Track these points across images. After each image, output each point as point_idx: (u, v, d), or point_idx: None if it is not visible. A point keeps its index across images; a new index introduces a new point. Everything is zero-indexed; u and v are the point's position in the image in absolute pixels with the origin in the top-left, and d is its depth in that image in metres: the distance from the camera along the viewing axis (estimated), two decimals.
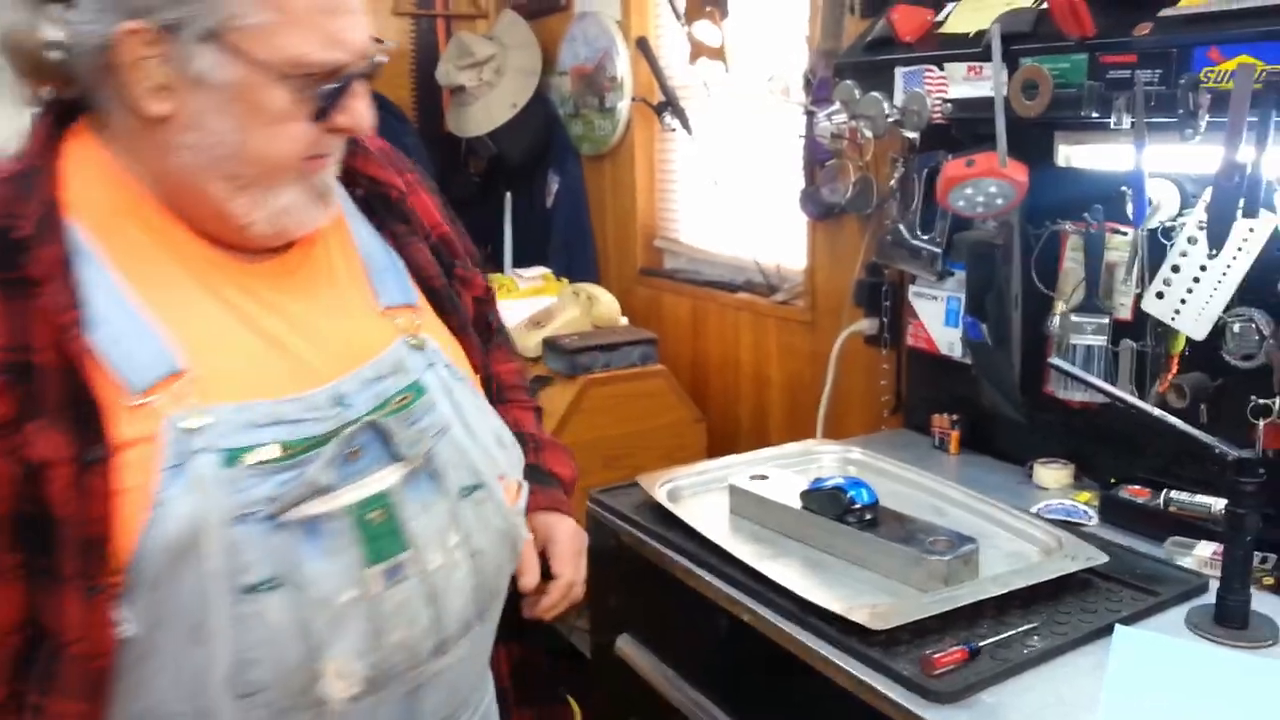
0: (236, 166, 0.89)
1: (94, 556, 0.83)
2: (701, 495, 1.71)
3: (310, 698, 0.91)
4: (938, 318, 1.96)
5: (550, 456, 1.29)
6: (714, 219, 2.82)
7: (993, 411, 1.84)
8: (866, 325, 2.18)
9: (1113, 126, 1.42)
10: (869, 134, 1.78)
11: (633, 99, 2.91)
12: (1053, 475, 1.73)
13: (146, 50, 0.85)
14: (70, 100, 0.93)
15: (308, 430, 0.91)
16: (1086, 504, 1.63)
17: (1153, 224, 1.53)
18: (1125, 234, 1.59)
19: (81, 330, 0.85)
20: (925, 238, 1.90)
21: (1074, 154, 1.61)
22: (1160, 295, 1.53)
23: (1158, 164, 1.48)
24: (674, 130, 2.79)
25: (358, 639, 0.92)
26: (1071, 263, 1.69)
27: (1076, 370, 1.47)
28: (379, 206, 1.10)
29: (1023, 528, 1.52)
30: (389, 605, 0.93)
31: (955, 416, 1.91)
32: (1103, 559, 1.38)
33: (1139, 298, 1.57)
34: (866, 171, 2.05)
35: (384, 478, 0.94)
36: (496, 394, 1.20)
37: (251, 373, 0.91)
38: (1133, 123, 1.40)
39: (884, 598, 1.33)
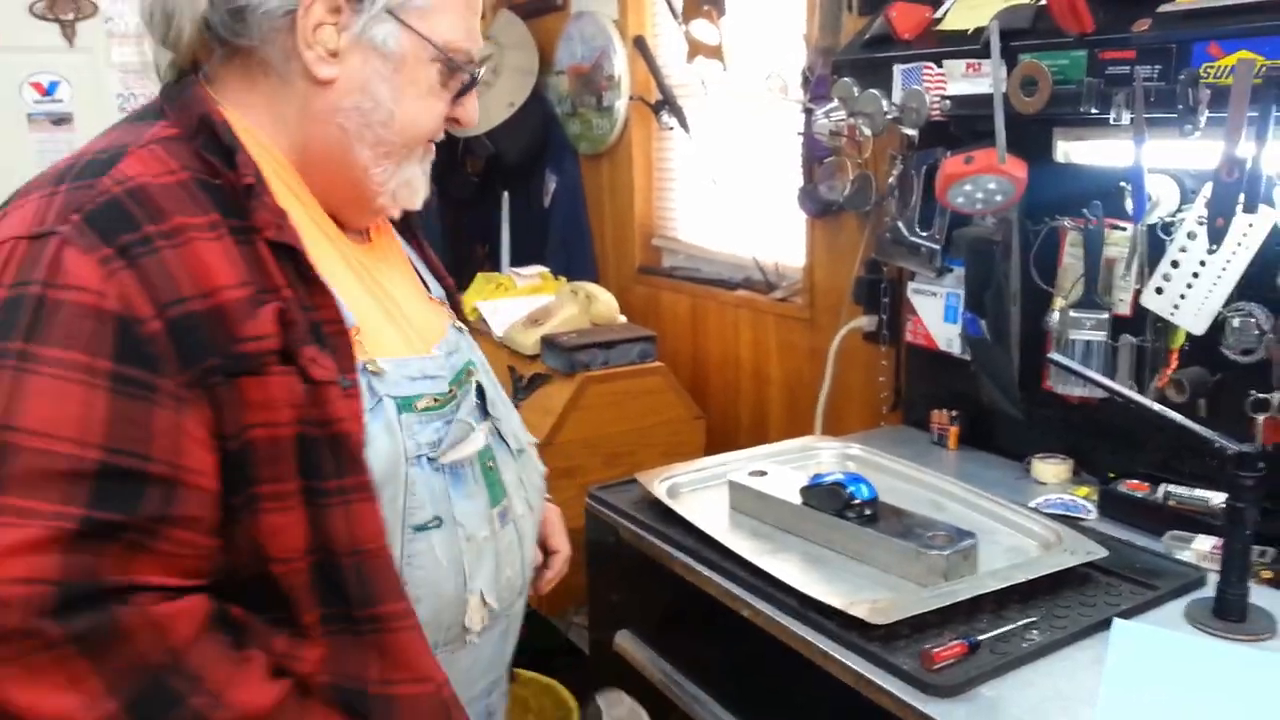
0: (385, 133, 1.01)
1: (359, 469, 0.93)
2: (700, 492, 1.71)
3: (455, 631, 1.04)
4: (937, 314, 1.96)
5: None
6: (712, 217, 2.82)
7: (992, 407, 1.84)
8: (865, 322, 2.19)
9: (1112, 122, 1.42)
10: (867, 131, 1.78)
11: (630, 98, 2.91)
12: (1051, 470, 1.74)
13: (329, 17, 0.96)
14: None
15: (442, 386, 1.06)
16: (1085, 498, 1.63)
17: (1152, 219, 1.54)
18: (1124, 229, 1.59)
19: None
20: (924, 234, 1.90)
21: (1073, 150, 1.62)
22: (1160, 290, 1.53)
23: (1157, 160, 1.48)
24: (671, 129, 2.79)
25: (489, 574, 1.06)
26: (1070, 258, 1.69)
27: (1076, 365, 1.47)
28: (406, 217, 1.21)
29: (1021, 522, 1.52)
30: (503, 544, 1.09)
31: (954, 412, 1.91)
32: (1102, 553, 1.38)
33: (1138, 293, 1.58)
34: (865, 169, 2.05)
35: (484, 432, 1.10)
36: None
37: (391, 334, 1.04)
38: (1132, 119, 1.40)
39: (884, 593, 1.33)
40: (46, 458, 0.80)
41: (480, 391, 1.13)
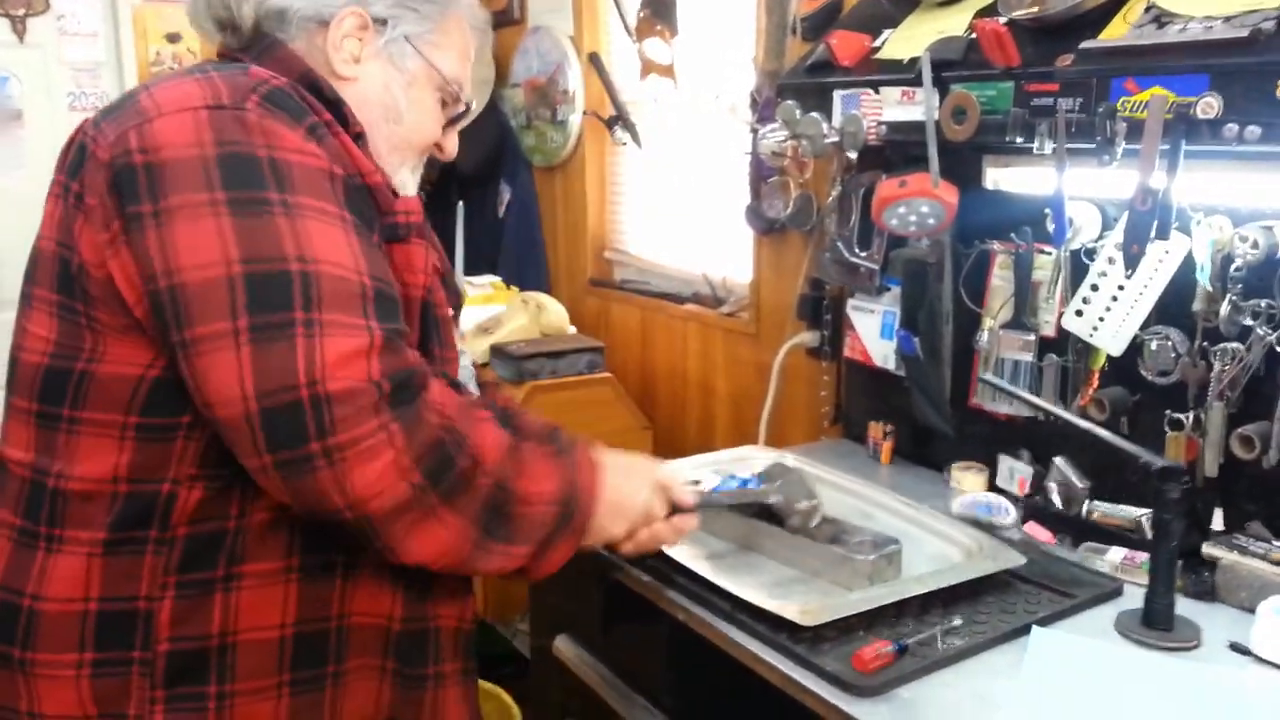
0: (397, 129, 1.16)
1: (453, 346, 1.18)
2: None
3: None
4: (874, 331, 2.02)
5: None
6: (663, 232, 2.87)
7: (924, 422, 1.90)
8: (808, 338, 2.25)
9: (1036, 152, 1.49)
10: (809, 153, 1.84)
11: (584, 112, 2.95)
12: (969, 479, 1.80)
13: (356, 31, 1.12)
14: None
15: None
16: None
17: (1075, 245, 1.61)
18: (1050, 254, 1.67)
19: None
20: (863, 254, 1.96)
21: (1001, 177, 1.69)
22: (1079, 313, 1.60)
23: (1079, 188, 1.55)
24: (625, 144, 2.84)
25: None
26: (999, 280, 1.76)
27: (1007, 385, 1.54)
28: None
29: (945, 530, 1.58)
30: None
31: (888, 427, 1.97)
32: (1020, 561, 1.44)
33: (1062, 315, 1.65)
34: (807, 189, 2.11)
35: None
36: None
37: None
38: (1054, 148, 1.47)
39: (813, 596, 1.38)
40: (344, 283, 0.95)
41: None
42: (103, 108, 1.04)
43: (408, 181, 1.19)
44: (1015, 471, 1.76)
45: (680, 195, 2.76)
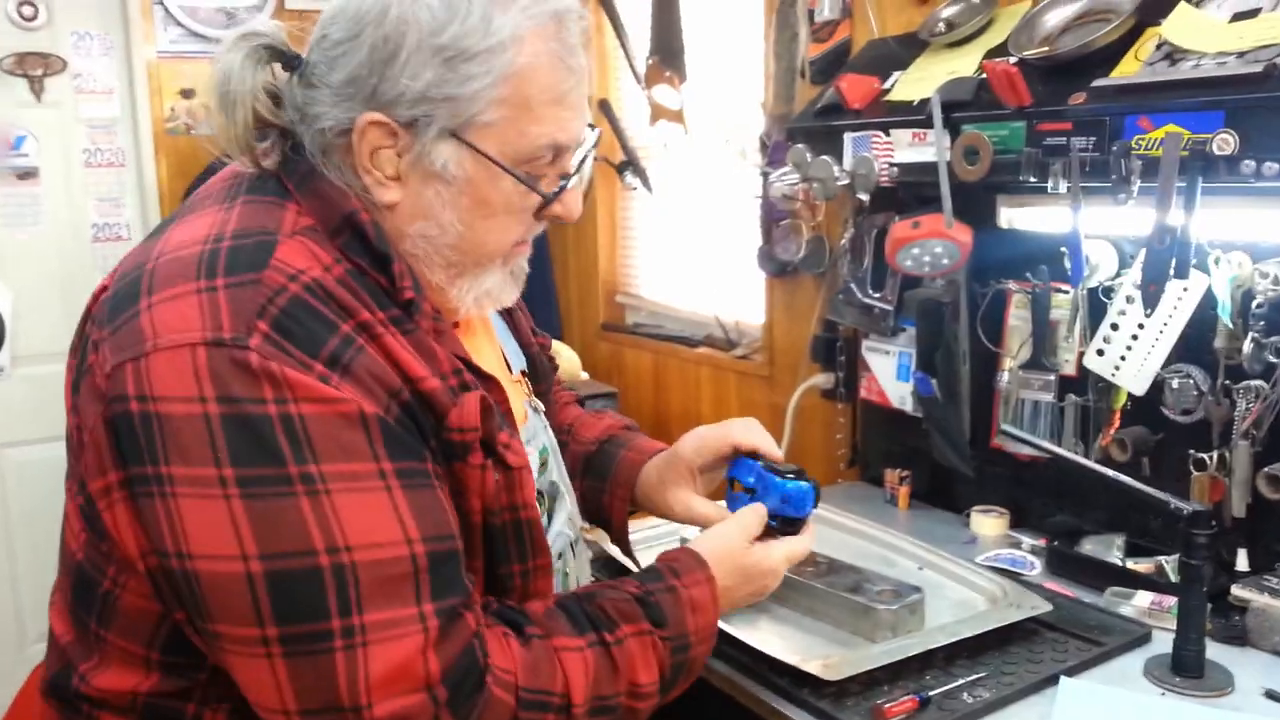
0: (456, 255, 0.95)
1: (543, 550, 0.99)
2: (656, 547, 1.72)
3: None
4: (890, 372, 2.00)
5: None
6: (675, 275, 2.86)
7: (944, 464, 1.87)
8: (823, 380, 2.22)
9: (1050, 191, 1.48)
10: (820, 195, 1.83)
11: (595, 158, 2.95)
12: (989, 523, 1.77)
13: (385, 141, 0.90)
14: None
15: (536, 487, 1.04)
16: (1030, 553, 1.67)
17: (1092, 283, 1.59)
18: (1067, 293, 1.65)
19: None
20: (876, 295, 1.95)
21: (1015, 216, 1.68)
22: (1101, 352, 1.58)
23: (1095, 226, 1.54)
24: (635, 189, 2.84)
25: None
26: (1017, 320, 1.74)
27: (1028, 436, 1.52)
28: None
29: (968, 577, 1.54)
30: None
31: (904, 473, 1.94)
32: (1046, 608, 1.41)
33: (1082, 355, 1.63)
34: (819, 231, 2.10)
35: (569, 535, 1.14)
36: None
37: None
38: (1069, 187, 1.46)
39: (834, 648, 1.35)
40: (387, 566, 0.81)
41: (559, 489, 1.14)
42: (112, 287, 0.90)
43: (496, 286, 0.99)
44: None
45: (691, 239, 2.75)
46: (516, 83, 0.89)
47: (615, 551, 1.48)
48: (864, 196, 1.80)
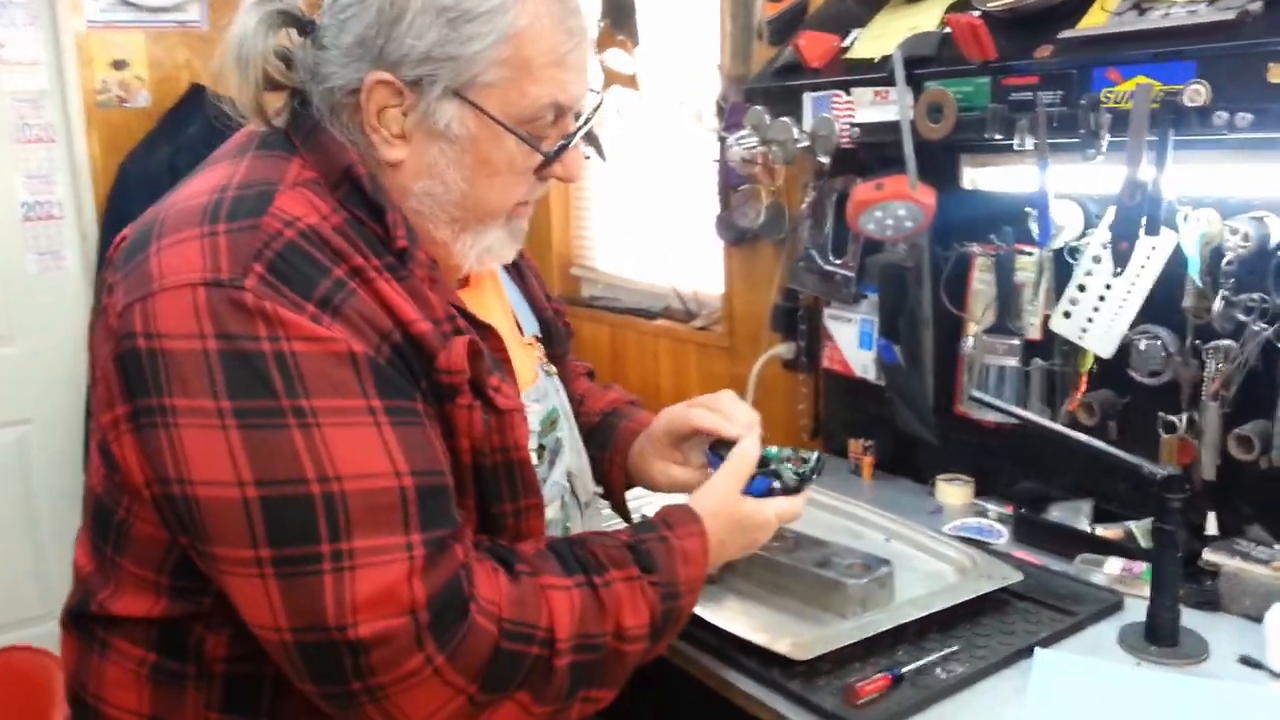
0: (460, 212, 0.99)
1: (534, 490, 1.01)
2: (617, 523, 1.67)
3: None
4: (852, 341, 1.95)
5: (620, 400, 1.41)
6: (631, 246, 2.80)
7: (908, 433, 1.84)
8: (784, 349, 2.18)
9: (1016, 148, 1.44)
10: (780, 159, 1.77)
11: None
12: (954, 491, 1.74)
13: (391, 100, 0.94)
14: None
15: (534, 441, 1.07)
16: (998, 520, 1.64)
17: (1058, 244, 1.55)
18: (1032, 254, 1.61)
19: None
20: (838, 262, 1.90)
21: (979, 176, 1.63)
22: (1067, 315, 1.55)
23: (1062, 184, 1.50)
24: (589, 157, 2.76)
25: None
26: (980, 284, 1.70)
27: (997, 402, 1.49)
28: None
29: (936, 547, 1.51)
30: None
31: (868, 443, 1.91)
32: (1017, 577, 1.38)
33: (1047, 318, 1.59)
34: (778, 197, 2.04)
35: (564, 487, 1.15)
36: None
37: None
38: (1035, 144, 1.41)
39: (803, 625, 1.30)
40: (376, 496, 0.85)
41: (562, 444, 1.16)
42: (130, 235, 0.95)
43: (498, 243, 1.03)
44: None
45: (647, 208, 2.69)
46: (517, 43, 0.93)
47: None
48: (825, 159, 1.75)
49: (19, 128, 2.99)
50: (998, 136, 1.46)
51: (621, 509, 1.36)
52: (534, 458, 1.06)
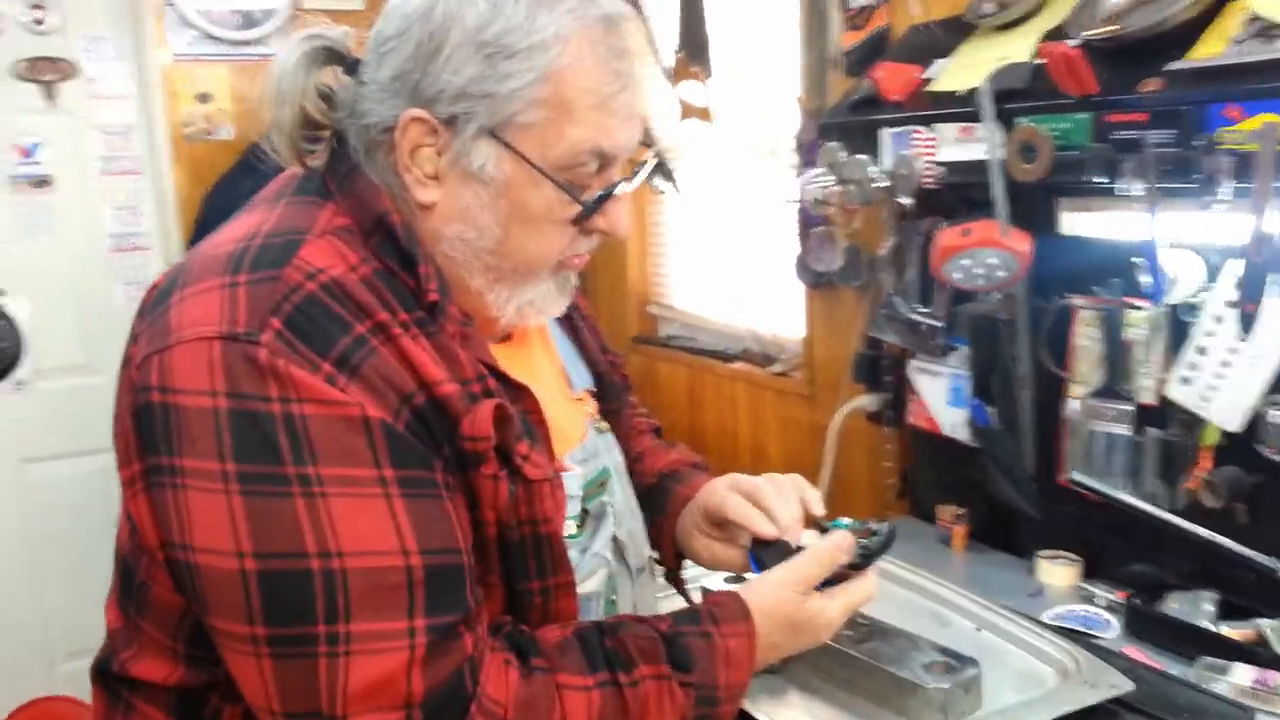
0: (495, 260, 0.92)
1: (565, 568, 0.93)
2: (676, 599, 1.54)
3: None
4: (941, 396, 1.79)
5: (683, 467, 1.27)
6: (709, 285, 2.68)
7: (1004, 502, 1.66)
8: (867, 401, 2.02)
9: (1120, 192, 1.27)
10: (856, 200, 1.63)
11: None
12: (1059, 572, 1.56)
13: (426, 139, 0.89)
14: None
15: (575, 507, 0.99)
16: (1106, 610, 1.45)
17: (1174, 299, 1.37)
18: (1143, 309, 1.42)
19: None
20: (924, 310, 1.73)
21: (1079, 222, 1.46)
22: (1186, 380, 1.36)
23: (1176, 233, 1.32)
24: (664, 193, 2.66)
25: None
26: (1085, 340, 1.52)
27: (1099, 486, 1.31)
28: None
29: (1034, 643, 1.33)
30: None
31: (961, 510, 1.73)
32: (1128, 687, 1.20)
33: (1163, 381, 1.40)
34: (856, 240, 1.89)
35: (610, 556, 1.04)
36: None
37: None
38: (1144, 189, 1.24)
39: None
40: (380, 575, 0.80)
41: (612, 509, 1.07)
42: (161, 282, 0.91)
43: (541, 297, 0.96)
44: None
45: (725, 246, 2.56)
46: (557, 83, 0.87)
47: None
48: (905, 200, 1.60)
49: (107, 160, 3.04)
50: (1100, 179, 1.30)
51: (676, 580, 1.24)
52: (572, 526, 0.99)
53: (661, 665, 0.90)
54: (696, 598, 1.21)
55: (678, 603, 1.14)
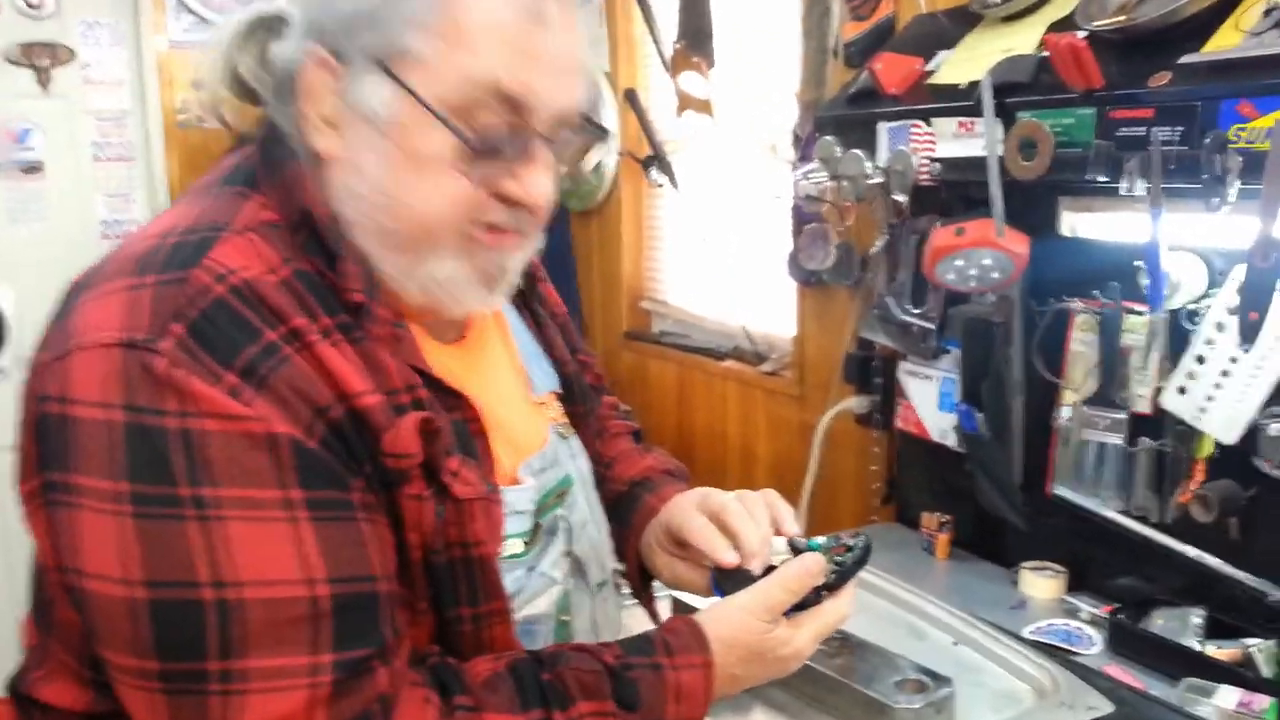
0: (389, 221, 0.81)
1: (497, 594, 0.84)
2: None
3: None
4: (930, 400, 1.74)
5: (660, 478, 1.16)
6: (702, 281, 2.63)
7: (991, 511, 1.61)
8: (856, 403, 1.97)
9: (1123, 192, 1.22)
10: (850, 196, 1.58)
11: (620, 153, 2.73)
12: (1042, 584, 1.51)
13: (322, 75, 0.80)
14: None
15: (525, 524, 0.90)
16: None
17: (1174, 304, 1.32)
18: (1143, 315, 1.37)
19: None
20: (916, 312, 1.68)
21: (1080, 222, 1.41)
22: (1183, 390, 1.31)
23: (1179, 235, 1.27)
24: (661, 186, 2.61)
25: None
26: (1080, 345, 1.47)
27: (1084, 503, 1.26)
28: (524, 285, 1.01)
29: (1012, 660, 1.29)
30: None
31: (944, 518, 1.68)
32: (1107, 709, 1.15)
33: (1160, 390, 1.35)
34: (848, 237, 1.84)
35: (561, 575, 0.94)
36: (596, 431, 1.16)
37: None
38: (1147, 188, 1.19)
39: None
40: (279, 608, 0.72)
41: (567, 524, 0.97)
42: (80, 276, 0.83)
43: (452, 277, 0.83)
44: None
45: (720, 241, 2.51)
46: (456, 10, 0.77)
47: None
48: (901, 197, 1.55)
49: (100, 146, 3.00)
50: (1102, 178, 1.24)
51: (642, 597, 1.15)
52: (519, 545, 0.90)
53: (604, 701, 0.82)
54: (666, 612, 1.15)
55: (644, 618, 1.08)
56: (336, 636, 0.73)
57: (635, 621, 1.08)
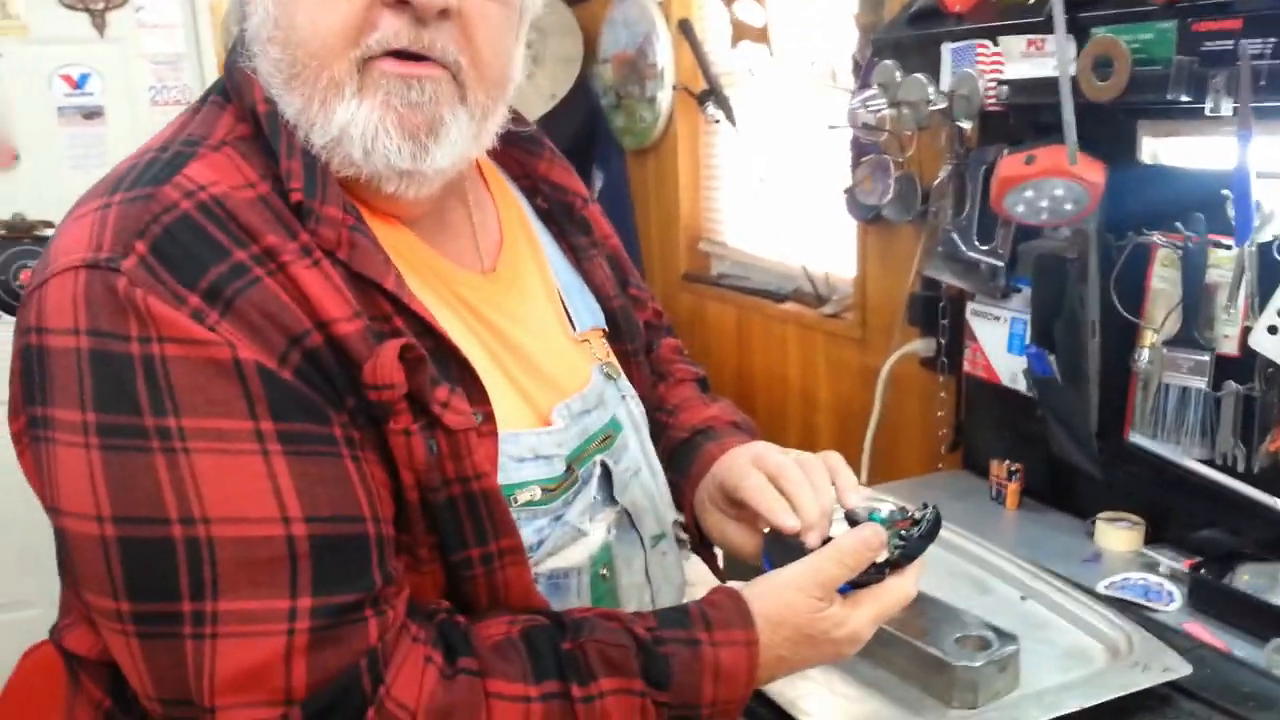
0: (284, 53, 0.77)
1: (509, 530, 0.78)
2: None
3: None
4: (1000, 342, 1.65)
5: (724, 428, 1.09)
6: (761, 220, 2.55)
7: (1063, 459, 1.53)
8: (921, 346, 1.89)
9: (1209, 113, 1.12)
10: (910, 124, 1.49)
11: (675, 87, 2.65)
12: (1120, 536, 1.44)
13: None
14: None
15: (556, 468, 0.86)
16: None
17: (1264, 237, 1.23)
18: (1230, 249, 1.27)
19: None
20: (984, 248, 1.59)
21: (1162, 148, 1.32)
22: (1273, 330, 1.21)
23: (1270, 161, 1.18)
24: (718, 121, 2.52)
25: None
26: (1162, 282, 1.38)
27: (1161, 451, 1.17)
28: (561, 216, 1.01)
29: (1084, 616, 1.21)
30: None
31: (1015, 466, 1.61)
32: (1185, 670, 1.07)
33: (1248, 330, 1.26)
34: (909, 169, 1.75)
35: (604, 525, 0.89)
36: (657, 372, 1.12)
37: (500, 400, 0.82)
38: (1235, 108, 1.09)
39: (895, 711, 1.05)
40: (253, 546, 0.68)
41: (607, 471, 0.91)
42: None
43: (356, 124, 0.77)
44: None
45: (779, 178, 2.42)
46: None
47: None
48: (966, 124, 1.46)
49: (157, 90, 3.02)
50: (1185, 99, 1.16)
51: (703, 551, 1.08)
52: (538, 491, 0.84)
53: (631, 679, 0.76)
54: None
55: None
56: (316, 580, 0.69)
57: (700, 578, 1.03)
